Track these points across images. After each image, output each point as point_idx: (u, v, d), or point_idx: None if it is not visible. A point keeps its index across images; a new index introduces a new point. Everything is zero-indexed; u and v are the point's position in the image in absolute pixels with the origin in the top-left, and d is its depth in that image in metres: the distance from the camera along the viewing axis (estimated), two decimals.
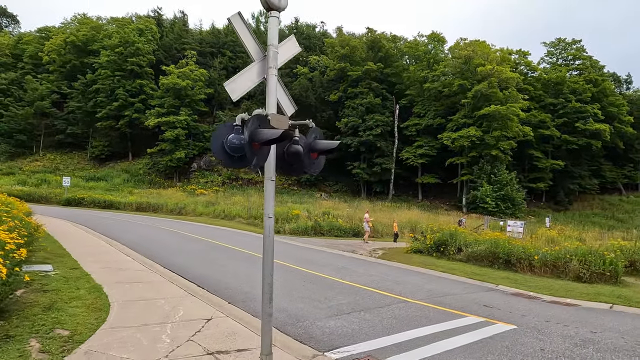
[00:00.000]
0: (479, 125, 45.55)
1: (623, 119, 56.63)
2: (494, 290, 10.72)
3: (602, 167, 59.11)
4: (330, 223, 24.63)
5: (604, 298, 9.98)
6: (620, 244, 18.21)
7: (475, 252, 14.72)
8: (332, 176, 56.26)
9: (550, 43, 61.78)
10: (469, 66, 46.64)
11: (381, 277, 11.62)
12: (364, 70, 52.01)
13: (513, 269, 13.75)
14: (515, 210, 42.39)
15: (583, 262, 12.64)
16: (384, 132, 51.32)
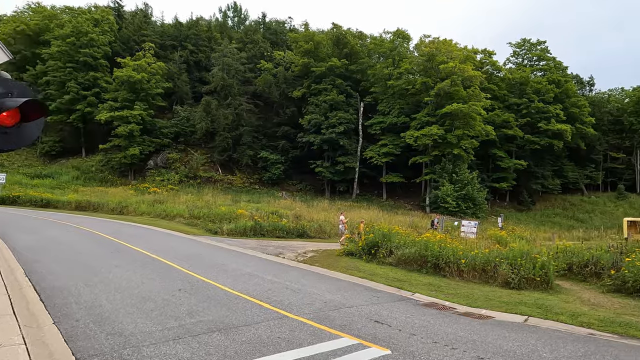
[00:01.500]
0: (441, 124, 44.89)
1: (585, 120, 57.15)
2: (406, 300, 9.43)
3: (564, 168, 59.59)
4: (274, 223, 23.12)
5: (523, 309, 8.81)
6: (565, 245, 17.39)
7: (405, 255, 13.47)
8: (296, 175, 54.85)
9: (516, 43, 62.03)
10: (433, 64, 45.94)
11: (283, 285, 10.19)
12: (328, 67, 50.73)
13: (441, 273, 12.54)
14: (476, 210, 41.86)
15: (513, 267, 11.54)
16: (348, 130, 50.16)
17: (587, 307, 9.23)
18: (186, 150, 53.11)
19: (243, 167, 52.78)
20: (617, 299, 10.35)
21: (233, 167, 53.37)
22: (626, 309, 9.21)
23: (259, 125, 55.21)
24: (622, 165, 66.02)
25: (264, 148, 52.77)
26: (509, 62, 62.47)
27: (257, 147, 52.74)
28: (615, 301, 10.09)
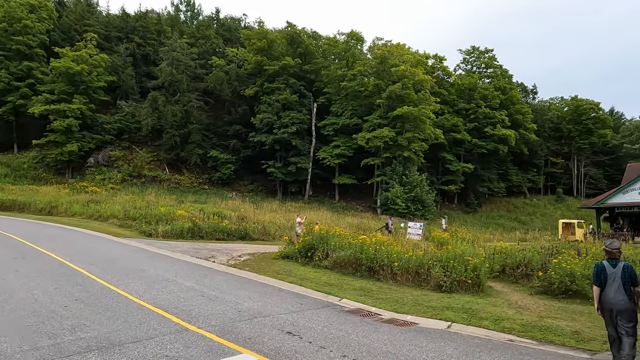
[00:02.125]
0: (393, 126, 45.28)
1: (528, 126, 59.82)
2: (331, 307, 8.86)
3: (509, 172, 62.11)
4: (214, 225, 22.05)
5: (449, 314, 8.47)
6: (502, 246, 17.60)
7: (340, 258, 12.97)
8: (247, 175, 53.55)
9: (465, 51, 64.07)
10: (385, 66, 46.28)
11: (200, 292, 9.33)
12: (281, 66, 49.87)
13: (375, 277, 12.14)
14: (425, 212, 42.49)
15: (446, 269, 11.31)
16: (301, 131, 49.54)
17: (513, 311, 9.06)
18: (131, 148, 50.42)
19: (192, 166, 50.81)
20: (544, 301, 10.32)
21: (181, 167, 51.28)
22: (550, 312, 9.12)
23: (210, 123, 53.46)
24: (561, 170, 69.81)
25: (214, 147, 51.09)
26: (459, 69, 64.46)
27: (207, 146, 50.99)
28: (542, 303, 10.04)
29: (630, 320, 5.34)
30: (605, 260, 5.78)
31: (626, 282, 5.42)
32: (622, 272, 5.49)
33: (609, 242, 5.97)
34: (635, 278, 5.46)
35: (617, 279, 5.47)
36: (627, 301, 5.38)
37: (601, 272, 5.67)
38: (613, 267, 5.60)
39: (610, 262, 5.68)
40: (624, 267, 5.53)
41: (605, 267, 5.66)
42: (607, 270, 5.62)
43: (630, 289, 5.42)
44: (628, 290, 5.41)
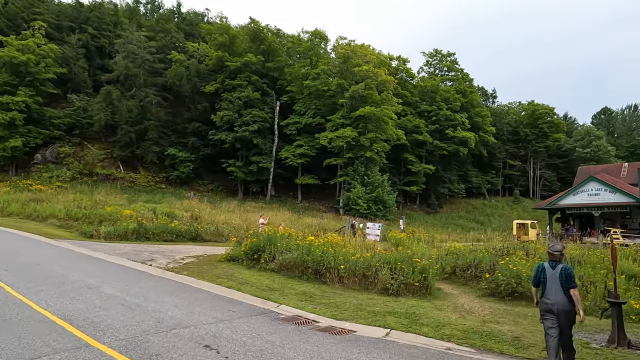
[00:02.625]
0: (355, 127, 45.13)
1: (487, 129, 61.33)
2: (266, 314, 8.18)
3: (469, 173, 63.47)
4: (162, 226, 20.88)
5: (390, 320, 7.99)
6: (456, 246, 17.47)
7: (286, 261, 12.32)
8: (207, 174, 52.01)
9: (428, 53, 65.00)
10: (348, 66, 46.08)
11: (121, 300, 8.43)
12: (243, 62, 48.75)
13: (322, 280, 11.58)
14: (386, 212, 42.56)
15: (393, 272, 10.88)
16: (263, 129, 48.57)
17: (457, 315, 8.70)
18: (82, 144, 47.79)
19: (148, 164, 48.75)
20: (490, 304, 10.07)
21: (137, 165, 49.11)
22: (494, 315, 8.83)
23: (168, 120, 51.54)
24: (518, 172, 72.12)
25: (172, 145, 49.25)
26: (422, 71, 65.32)
27: (165, 144, 49.08)
28: (487, 306, 9.77)
29: (568, 320, 5.45)
30: (547, 262, 5.82)
31: (564, 284, 5.49)
32: (559, 274, 5.55)
33: (552, 245, 6.01)
34: (572, 280, 5.53)
35: (555, 281, 5.55)
36: (566, 302, 5.44)
37: (541, 273, 5.75)
38: (553, 268, 5.65)
39: (551, 263, 5.71)
40: (562, 270, 5.57)
41: (546, 268, 5.72)
42: (547, 271, 5.68)
43: (568, 290, 5.49)
44: (566, 292, 5.48)
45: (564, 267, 5.62)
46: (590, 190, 28.56)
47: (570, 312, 5.46)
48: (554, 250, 5.84)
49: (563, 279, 5.50)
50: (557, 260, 5.75)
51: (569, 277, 5.50)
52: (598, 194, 28.21)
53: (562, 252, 5.92)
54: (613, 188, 27.78)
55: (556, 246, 5.96)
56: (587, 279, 11.02)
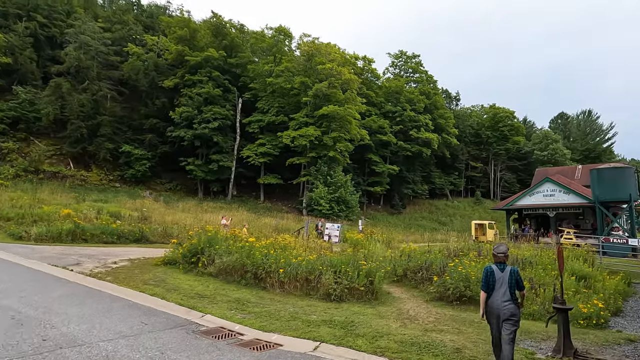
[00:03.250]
0: (319, 126, 44.43)
1: (450, 130, 62.10)
2: (184, 327, 7.19)
3: (432, 174, 64.10)
4: (102, 227, 19.33)
5: (323, 331, 7.19)
6: (411, 247, 16.98)
7: (225, 264, 11.32)
8: (165, 173, 49.92)
9: (394, 55, 65.23)
10: (312, 64, 45.33)
11: (14, 313, 7.23)
12: (204, 57, 47.10)
13: (262, 285, 10.67)
14: (349, 213, 42.04)
15: (337, 275, 10.11)
16: (224, 127, 47.07)
17: (399, 323, 8.01)
18: (28, 140, 44.71)
19: (101, 161, 46.21)
20: (437, 309, 9.47)
21: (89, 162, 46.47)
22: (439, 322, 8.20)
23: (124, 116, 49.09)
24: (480, 174, 73.57)
25: (128, 141, 46.94)
26: (388, 72, 65.48)
27: (120, 140, 46.69)
28: (434, 312, 9.16)
29: (514, 325, 5.29)
30: (494, 264, 5.66)
31: (512, 287, 5.37)
32: (509, 276, 5.42)
33: (496, 246, 5.84)
34: (521, 283, 5.50)
35: (504, 284, 5.39)
36: (513, 306, 5.31)
37: (490, 276, 5.54)
38: (501, 271, 5.50)
39: (499, 266, 5.57)
40: (511, 272, 5.46)
41: (494, 271, 5.54)
42: (495, 274, 5.50)
43: (516, 293, 5.42)
44: (514, 295, 5.36)
45: (512, 269, 5.51)
46: (546, 191, 28.98)
47: (517, 317, 5.32)
48: (499, 252, 5.69)
49: (513, 281, 5.39)
50: (503, 262, 5.60)
51: (518, 279, 5.45)
52: (553, 194, 28.66)
53: (507, 254, 5.75)
54: (567, 189, 28.28)
55: (500, 247, 5.77)
56: (537, 281, 10.66)
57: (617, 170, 24.55)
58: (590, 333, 7.91)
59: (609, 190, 24.23)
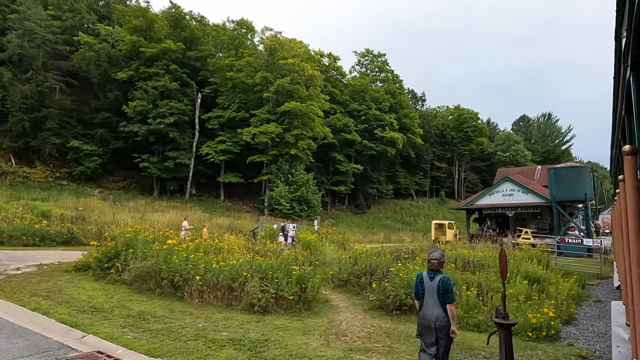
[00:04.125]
0: (280, 122, 43.04)
1: (415, 130, 62.01)
2: (48, 353, 5.74)
3: (397, 174, 63.86)
4: (22, 227, 17.31)
5: (225, 354, 5.91)
6: (362, 249, 15.95)
7: (140, 270, 9.83)
8: (119, 170, 47.18)
9: (360, 53, 64.57)
10: (274, 59, 43.89)
11: None
12: (161, 49, 44.79)
13: (179, 294, 9.26)
14: (310, 213, 40.85)
15: (265, 282, 8.84)
16: (181, 122, 44.93)
17: (321, 341, 6.81)
18: None
19: (47, 157, 43.10)
20: (374, 321, 8.35)
21: (33, 158, 43.25)
22: (370, 339, 7.06)
23: (73, 109, 46.02)
24: (445, 174, 74.10)
25: (77, 136, 44.03)
26: (354, 70, 64.79)
27: (68, 135, 43.69)
28: (369, 324, 8.03)
29: (444, 340, 4.81)
30: (426, 271, 5.16)
31: (440, 298, 4.86)
32: (437, 286, 4.90)
33: (430, 251, 5.32)
34: (449, 295, 4.87)
35: (433, 293, 4.92)
36: (444, 317, 4.80)
37: (420, 283, 5.09)
38: (431, 279, 5.00)
39: (429, 273, 5.07)
40: (439, 282, 4.91)
41: (424, 279, 5.07)
42: (424, 282, 5.04)
43: (445, 304, 4.85)
44: (444, 306, 4.85)
45: (441, 278, 4.92)
46: (505, 191, 28.77)
47: (447, 330, 4.79)
48: (431, 258, 5.15)
49: (440, 292, 4.86)
50: (436, 270, 5.05)
51: (447, 290, 4.84)
52: (512, 194, 28.46)
53: (441, 260, 5.14)
54: (525, 189, 28.13)
55: (433, 253, 5.22)
56: (487, 286, 9.73)
57: (574, 170, 24.47)
58: (538, 348, 6.97)
59: (565, 189, 24.08)
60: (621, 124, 3.83)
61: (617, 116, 4.44)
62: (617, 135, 5.05)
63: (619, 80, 3.28)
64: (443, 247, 17.82)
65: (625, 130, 3.46)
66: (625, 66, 2.61)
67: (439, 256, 5.18)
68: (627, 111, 3.23)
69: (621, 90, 3.26)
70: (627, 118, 3.20)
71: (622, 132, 3.89)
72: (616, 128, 4.89)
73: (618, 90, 3.57)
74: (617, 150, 5.44)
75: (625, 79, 2.66)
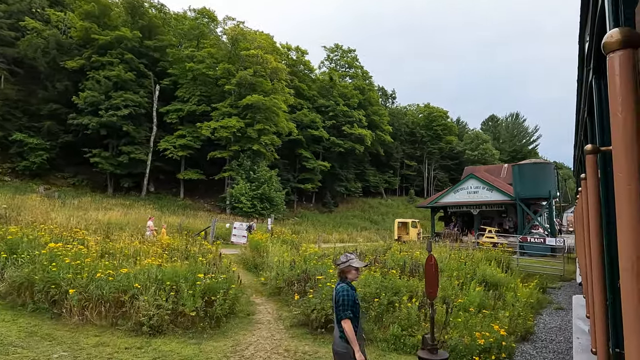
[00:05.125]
0: (243, 117, 41.10)
1: (384, 127, 61.16)
2: None
3: (366, 172, 62.86)
4: None
5: None
6: (312, 249, 14.41)
7: (14, 280, 7.93)
8: (69, 166, 44.08)
9: (329, 48, 63.13)
10: (236, 50, 41.88)
11: None
12: (116, 37, 42.06)
13: (57, 310, 7.44)
14: (273, 211, 39.10)
15: (160, 296, 7.13)
16: (137, 115, 42.31)
17: None
18: None
19: None
20: (292, 342, 6.80)
21: None
22: None
23: (18, 100, 42.69)
24: (414, 172, 73.68)
25: (21, 129, 40.77)
26: (323, 66, 63.33)
27: (12, 127, 40.40)
28: (284, 347, 6.48)
29: None
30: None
31: (336, 313, 3.79)
32: (334, 298, 3.90)
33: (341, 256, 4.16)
34: (340, 308, 3.72)
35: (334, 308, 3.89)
36: (339, 340, 3.70)
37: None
38: (334, 291, 3.99)
39: (337, 283, 4.02)
40: (335, 292, 3.90)
41: (334, 290, 4.01)
42: (333, 294, 4.03)
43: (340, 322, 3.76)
44: (339, 323, 3.73)
45: (337, 288, 3.91)
46: (470, 188, 27.90)
47: (341, 354, 3.69)
48: (335, 263, 4.20)
49: (334, 305, 3.88)
50: (341, 278, 4.02)
51: (337, 302, 3.78)
52: (477, 191, 27.61)
53: (342, 267, 4.00)
54: (490, 186, 27.32)
55: (339, 258, 4.16)
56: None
57: (538, 167, 23.73)
58: None
59: (529, 186, 23.31)
60: (584, 125, 3.89)
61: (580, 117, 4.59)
62: (580, 135, 5.11)
63: (582, 83, 3.45)
64: (404, 247, 16.52)
65: (587, 131, 3.57)
66: (588, 69, 2.80)
67: (342, 260, 4.01)
68: (589, 113, 3.31)
69: (584, 93, 3.42)
70: (590, 119, 3.29)
71: (584, 132, 3.93)
72: (579, 129, 4.98)
73: (581, 92, 3.73)
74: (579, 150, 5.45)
75: (588, 82, 2.80)
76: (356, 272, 3.97)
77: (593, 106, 2.55)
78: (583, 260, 4.79)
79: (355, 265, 3.98)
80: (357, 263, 3.98)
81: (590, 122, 3.24)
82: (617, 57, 0.76)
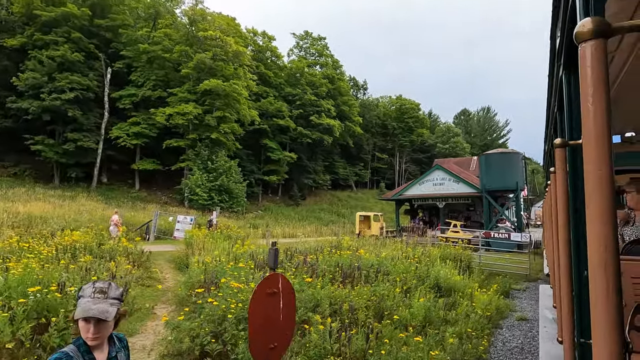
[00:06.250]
0: (201, 103, 38.52)
1: (354, 119, 59.50)
2: None
3: (335, 164, 61.15)
4: None
5: None
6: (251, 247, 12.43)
7: None
8: (10, 154, 40.42)
9: (299, 35, 60.82)
10: (195, 31, 39.14)
11: None
12: (62, 13, 38.53)
13: None
14: (233, 204, 36.89)
15: None
16: (86, 100, 39.06)
17: None
18: None
19: None
20: None
21: None
22: None
23: None
24: (385, 165, 72.51)
25: None
26: (293, 54, 60.98)
27: None
28: None
29: None
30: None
31: None
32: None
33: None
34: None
35: None
36: None
37: None
38: None
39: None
40: None
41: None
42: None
43: None
44: None
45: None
46: (436, 180, 26.48)
47: None
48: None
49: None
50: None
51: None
52: (443, 183, 26.21)
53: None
54: (457, 177, 25.96)
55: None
56: (367, 309, 6.49)
57: (505, 156, 22.43)
58: None
59: (496, 178, 21.97)
60: (554, 120, 4.03)
61: (550, 112, 4.73)
62: (550, 130, 5.24)
63: (553, 78, 3.64)
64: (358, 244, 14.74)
65: (557, 126, 3.64)
66: (559, 65, 2.88)
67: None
68: (559, 107, 3.36)
69: (554, 88, 3.56)
70: (559, 114, 3.36)
71: (554, 127, 4.09)
72: (549, 123, 5.17)
73: (552, 87, 3.94)
74: (549, 144, 5.32)
75: (559, 77, 2.88)
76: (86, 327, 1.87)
77: (563, 101, 2.57)
78: (551, 252, 4.84)
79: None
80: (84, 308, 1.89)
81: (560, 117, 3.29)
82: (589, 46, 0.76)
